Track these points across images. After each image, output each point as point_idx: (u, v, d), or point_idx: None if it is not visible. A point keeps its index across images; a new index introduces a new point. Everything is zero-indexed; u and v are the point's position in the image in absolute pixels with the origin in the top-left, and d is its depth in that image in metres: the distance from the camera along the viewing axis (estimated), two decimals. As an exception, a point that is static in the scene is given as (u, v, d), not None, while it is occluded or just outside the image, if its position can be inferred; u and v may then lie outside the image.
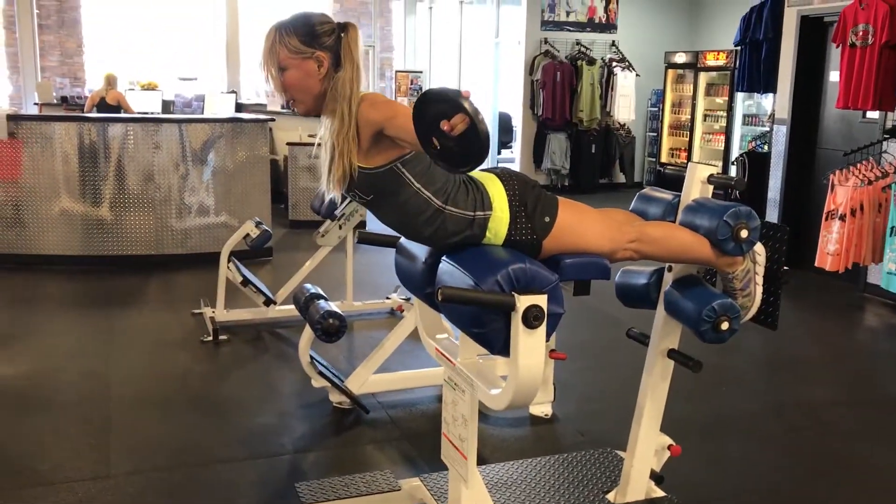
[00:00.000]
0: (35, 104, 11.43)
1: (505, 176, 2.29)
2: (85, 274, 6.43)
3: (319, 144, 2.30)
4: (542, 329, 2.01)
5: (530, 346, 2.01)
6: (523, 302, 1.98)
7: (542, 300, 2.00)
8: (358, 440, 3.60)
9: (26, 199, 6.54)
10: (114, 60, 12.94)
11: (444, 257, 2.24)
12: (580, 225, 2.30)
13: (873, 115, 6.20)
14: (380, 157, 2.15)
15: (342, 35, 2.26)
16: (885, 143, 5.87)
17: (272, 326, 5.15)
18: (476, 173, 2.32)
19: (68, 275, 6.42)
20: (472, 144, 1.81)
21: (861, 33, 5.74)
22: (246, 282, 5.04)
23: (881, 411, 4.07)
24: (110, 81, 10.08)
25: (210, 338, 4.83)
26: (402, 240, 2.61)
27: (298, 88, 2.24)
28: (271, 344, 4.92)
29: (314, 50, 2.21)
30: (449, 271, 2.17)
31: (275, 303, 5.10)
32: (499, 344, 2.08)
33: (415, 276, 2.43)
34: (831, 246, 5.78)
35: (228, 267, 5.08)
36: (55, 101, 11.31)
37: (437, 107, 1.83)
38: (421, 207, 2.18)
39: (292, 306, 4.32)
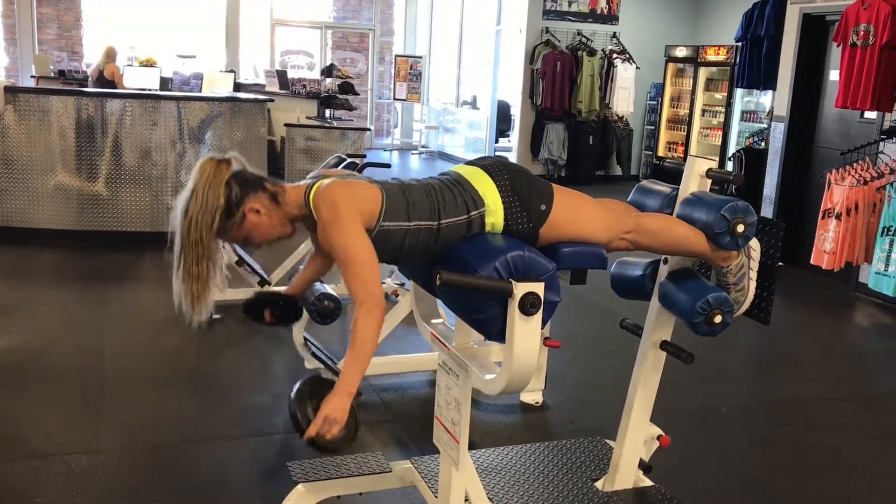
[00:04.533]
0: (32, 77, 11.36)
1: (493, 168, 2.27)
2: (79, 249, 6.42)
3: None
4: (539, 316, 2.02)
5: (526, 333, 2.02)
6: (520, 289, 1.99)
7: (539, 287, 2.01)
8: (349, 422, 3.61)
9: (21, 173, 6.52)
10: (112, 36, 12.86)
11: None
12: (577, 213, 2.30)
13: (871, 115, 6.22)
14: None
15: (231, 179, 2.15)
16: (881, 143, 5.90)
17: (266, 307, 5.15)
18: (463, 169, 2.31)
19: (63, 249, 6.41)
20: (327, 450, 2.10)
21: (862, 33, 5.75)
22: (241, 261, 5.03)
23: (867, 408, 4.11)
24: (109, 55, 10.02)
25: (203, 316, 4.82)
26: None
27: (267, 235, 2.23)
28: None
29: (241, 210, 2.15)
30: (448, 257, 2.18)
31: (269, 283, 5.09)
32: (495, 330, 2.09)
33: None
34: (828, 244, 5.81)
35: (223, 246, 5.07)
36: (52, 75, 11.24)
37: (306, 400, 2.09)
38: (423, 238, 2.18)
39: (287, 287, 4.31)
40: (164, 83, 11.44)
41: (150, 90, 10.39)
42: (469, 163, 2.34)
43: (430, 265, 2.33)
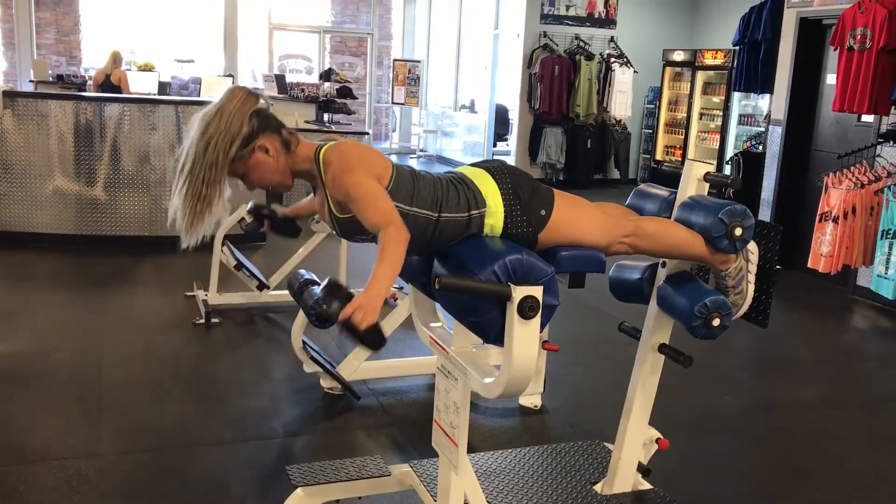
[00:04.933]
0: (30, 81, 11.37)
1: (496, 171, 2.29)
2: (77, 253, 6.42)
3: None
4: (537, 320, 2.03)
5: (525, 336, 2.03)
6: (519, 292, 2.00)
7: (537, 291, 2.02)
8: (348, 426, 3.62)
9: (20, 177, 6.52)
10: (110, 40, 12.88)
11: (442, 247, 2.26)
12: (576, 218, 2.31)
13: (868, 118, 6.24)
14: None
15: (255, 112, 2.16)
16: (878, 147, 5.91)
17: (264, 311, 5.16)
18: (467, 170, 2.33)
19: (61, 254, 6.41)
20: (361, 340, 2.04)
21: (859, 37, 5.77)
22: (239, 266, 5.05)
23: (866, 412, 4.12)
24: (116, 59, 9.98)
25: (202, 320, 4.83)
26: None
27: (267, 178, 2.24)
28: (263, 328, 4.94)
29: (252, 144, 2.16)
30: (446, 260, 2.19)
31: (268, 287, 5.11)
32: (494, 333, 2.10)
33: (412, 264, 2.45)
34: (825, 248, 5.82)
35: (222, 250, 5.08)
36: (50, 80, 11.25)
37: (335, 294, 2.06)
38: (420, 226, 2.18)
39: (285, 291, 4.32)
40: (163, 87, 11.46)
41: (148, 94, 10.40)
42: (473, 164, 2.36)
43: (422, 256, 2.34)
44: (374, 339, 2.06)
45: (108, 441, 3.33)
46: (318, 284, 3.80)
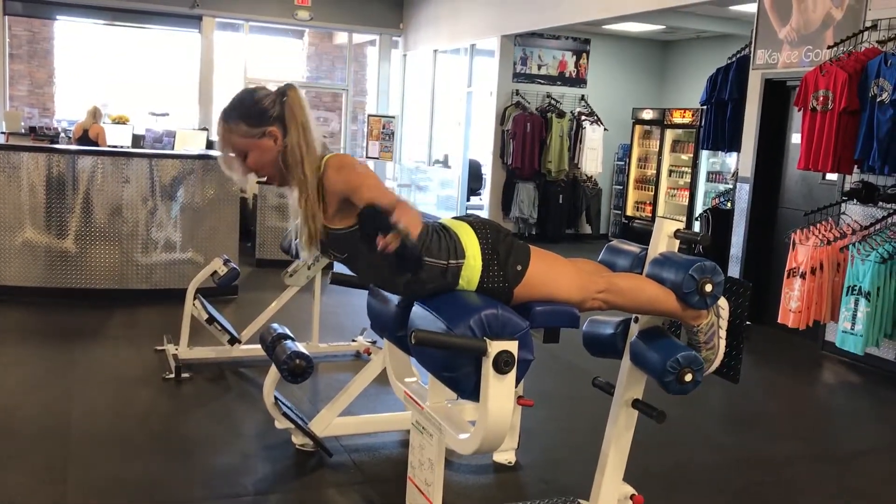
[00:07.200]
0: (2, 133, 11.32)
1: (478, 225, 2.33)
2: (46, 307, 6.33)
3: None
4: (513, 374, 2.04)
5: (500, 391, 2.03)
6: (494, 347, 2.01)
7: (512, 346, 2.03)
8: (320, 483, 3.57)
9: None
10: (85, 93, 12.91)
11: (416, 301, 2.27)
12: (551, 274, 2.35)
13: (832, 177, 6.39)
14: (351, 218, 2.17)
15: (283, 100, 2.27)
16: (843, 204, 6.04)
17: (236, 365, 5.10)
18: (450, 221, 2.36)
19: (29, 307, 6.31)
20: (405, 260, 1.99)
21: (821, 98, 5.94)
22: (211, 319, 5.00)
23: (839, 466, 4.13)
24: (95, 115, 10.02)
25: (172, 375, 4.77)
26: (375, 282, 2.62)
27: (263, 165, 2.29)
28: (234, 383, 4.88)
29: (264, 127, 2.23)
30: (422, 315, 2.20)
31: (239, 342, 5.06)
32: (469, 388, 2.10)
33: (387, 318, 2.46)
34: (794, 303, 5.90)
35: (194, 304, 5.04)
36: (23, 131, 11.21)
37: (376, 221, 1.98)
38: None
39: (257, 346, 4.30)
40: (137, 140, 11.46)
41: (122, 147, 10.39)
42: (456, 217, 2.39)
43: (390, 288, 2.35)
44: (418, 254, 2.03)
45: (74, 499, 3.25)
46: (292, 339, 3.78)
